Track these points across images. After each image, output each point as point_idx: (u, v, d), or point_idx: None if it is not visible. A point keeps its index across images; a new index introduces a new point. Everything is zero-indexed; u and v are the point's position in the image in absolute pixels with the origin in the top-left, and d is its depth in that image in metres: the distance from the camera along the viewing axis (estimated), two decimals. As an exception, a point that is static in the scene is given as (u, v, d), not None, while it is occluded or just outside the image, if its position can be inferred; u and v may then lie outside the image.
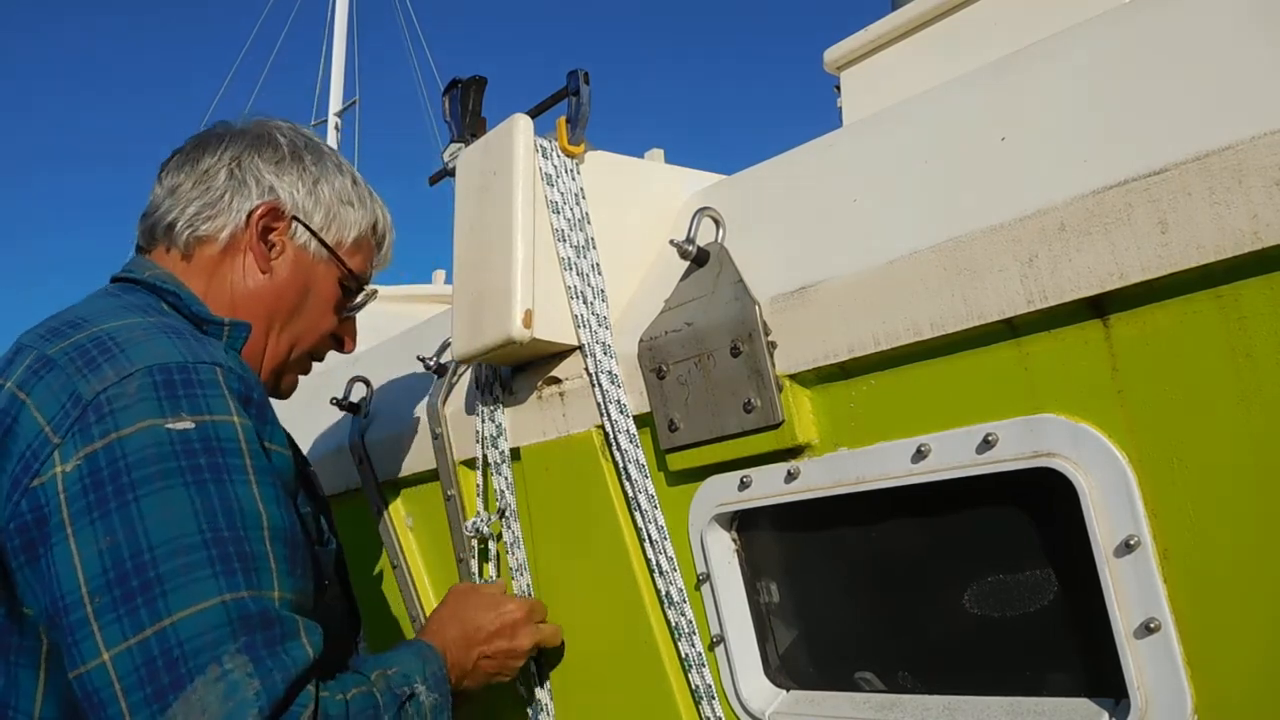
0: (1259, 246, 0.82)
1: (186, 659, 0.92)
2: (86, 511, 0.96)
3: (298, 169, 1.34)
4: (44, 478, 0.98)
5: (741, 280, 1.25)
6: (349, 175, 1.41)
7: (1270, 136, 0.82)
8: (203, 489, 0.99)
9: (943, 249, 1.03)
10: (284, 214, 1.33)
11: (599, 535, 1.44)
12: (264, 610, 0.97)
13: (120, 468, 0.97)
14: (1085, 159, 0.96)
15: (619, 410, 1.36)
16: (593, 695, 1.50)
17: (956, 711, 1.10)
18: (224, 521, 0.98)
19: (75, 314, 1.16)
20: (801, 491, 1.19)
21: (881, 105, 1.34)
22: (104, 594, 0.93)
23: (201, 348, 1.10)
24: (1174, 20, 0.99)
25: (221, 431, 1.03)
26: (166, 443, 0.99)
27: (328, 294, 1.39)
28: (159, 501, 0.96)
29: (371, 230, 1.44)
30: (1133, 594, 0.93)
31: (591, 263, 1.46)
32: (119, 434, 0.98)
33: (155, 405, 1.01)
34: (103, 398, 1.00)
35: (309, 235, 1.35)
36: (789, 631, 1.31)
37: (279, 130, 1.38)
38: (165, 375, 1.03)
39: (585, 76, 1.45)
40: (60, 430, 1.00)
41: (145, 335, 1.09)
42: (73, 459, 0.98)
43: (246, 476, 1.03)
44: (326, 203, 1.36)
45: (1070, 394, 0.97)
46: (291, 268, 1.34)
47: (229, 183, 1.31)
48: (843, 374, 1.15)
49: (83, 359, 1.05)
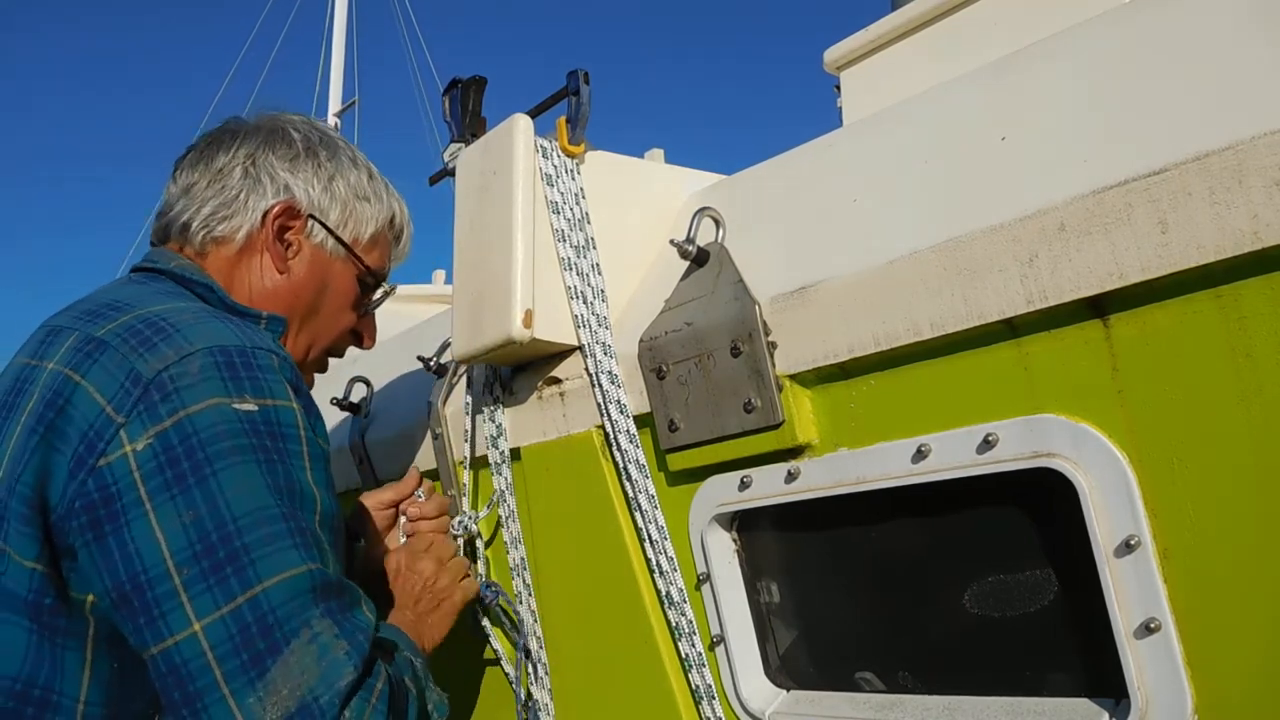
0: (1259, 246, 0.82)
1: (281, 624, 0.95)
2: (165, 488, 0.97)
3: (312, 165, 1.33)
4: (111, 457, 0.98)
5: (741, 280, 1.25)
6: (364, 169, 1.39)
7: (1270, 136, 0.82)
8: (272, 468, 1.01)
9: (943, 249, 1.03)
10: (300, 212, 1.32)
11: (599, 535, 1.44)
12: (336, 579, 1.02)
13: (194, 444, 0.98)
14: (1085, 159, 0.96)
15: (619, 410, 1.36)
16: (593, 695, 1.50)
17: (956, 711, 1.10)
18: (289, 500, 1.02)
19: (110, 297, 1.15)
20: (802, 491, 1.19)
21: (881, 105, 1.34)
22: (192, 565, 0.95)
23: (255, 333, 1.12)
24: (1174, 20, 0.99)
25: (283, 416, 1.05)
26: (235, 421, 1.00)
27: (346, 291, 1.38)
28: (236, 475, 0.99)
29: (389, 224, 1.43)
30: (1133, 594, 0.93)
31: (591, 263, 1.46)
32: (187, 411, 0.99)
33: (220, 385, 1.02)
34: (165, 376, 1.01)
35: (325, 233, 1.34)
36: (789, 631, 1.31)
37: (292, 125, 1.36)
38: (226, 357, 1.04)
39: (585, 76, 1.45)
40: (123, 409, 1.00)
41: (196, 318, 1.09)
42: (142, 437, 0.98)
43: (304, 462, 1.06)
44: (342, 199, 1.35)
45: (1070, 394, 0.97)
46: (309, 266, 1.33)
47: (244, 181, 1.29)
48: (843, 374, 1.15)
49: (136, 339, 1.05)
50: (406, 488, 1.61)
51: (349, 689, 0.96)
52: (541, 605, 1.56)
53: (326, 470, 1.10)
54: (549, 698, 1.54)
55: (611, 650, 1.45)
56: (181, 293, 1.21)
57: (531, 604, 1.56)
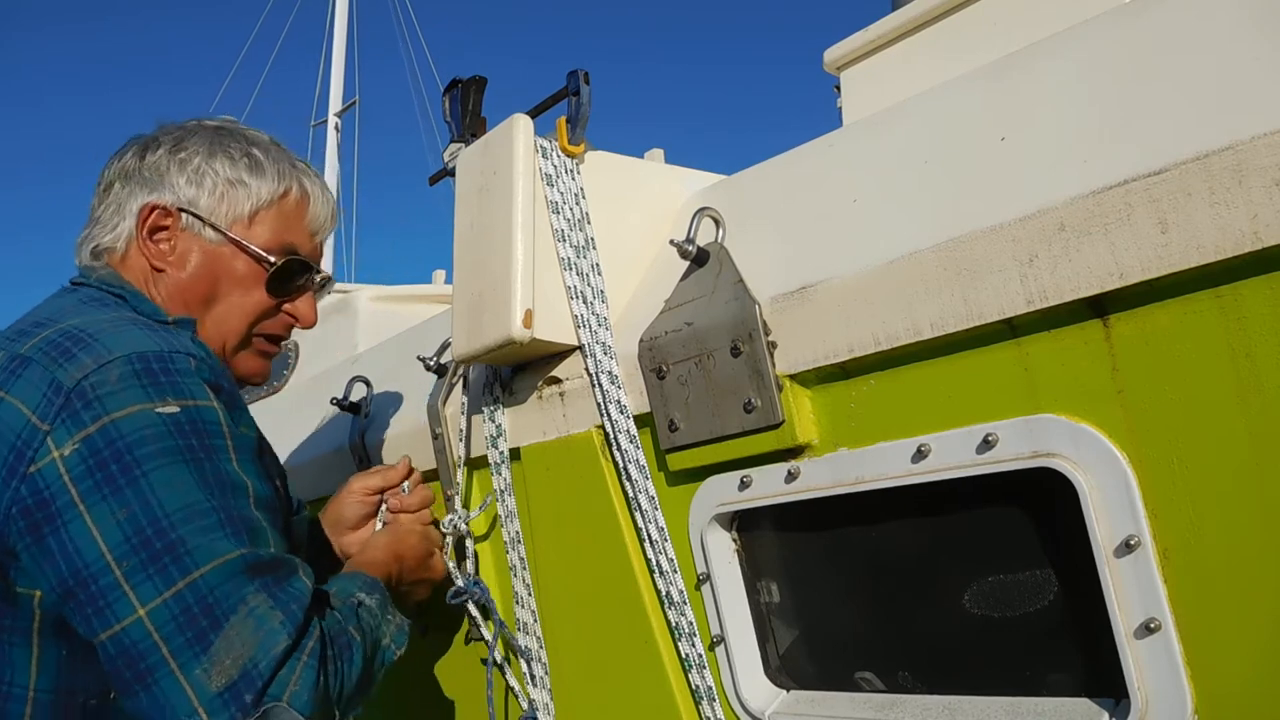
0: (1259, 246, 0.82)
1: (220, 602, 1.04)
2: (96, 489, 1.04)
3: (178, 161, 1.35)
4: (41, 463, 1.06)
5: (741, 280, 1.25)
6: (242, 153, 1.38)
7: (1270, 136, 0.82)
8: (199, 465, 1.09)
9: (943, 249, 1.03)
10: (170, 209, 1.34)
11: (599, 535, 1.44)
12: (270, 556, 1.11)
13: (120, 448, 1.06)
14: (1085, 159, 0.96)
15: (619, 410, 1.35)
16: (593, 696, 1.50)
17: (956, 711, 1.10)
18: (219, 493, 1.09)
19: (38, 315, 1.22)
20: (802, 491, 1.19)
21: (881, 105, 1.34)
22: (131, 558, 1.03)
23: (173, 337, 1.17)
24: (1174, 20, 0.99)
25: (205, 415, 1.12)
26: (159, 424, 1.08)
27: (240, 275, 1.37)
28: (165, 476, 1.06)
29: (277, 200, 1.40)
30: (1133, 594, 0.93)
31: (591, 263, 1.46)
32: (111, 417, 1.06)
33: (141, 391, 1.08)
34: (85, 385, 1.07)
35: (200, 223, 1.35)
36: (789, 631, 1.31)
37: (168, 129, 1.40)
38: (144, 363, 1.10)
39: (585, 76, 1.45)
40: (47, 418, 1.07)
41: (114, 327, 1.15)
42: (68, 443, 1.05)
43: (228, 455, 1.13)
44: (210, 187, 1.35)
45: (1070, 394, 0.97)
46: (192, 259, 1.35)
47: (120, 192, 1.35)
48: (843, 374, 1.15)
49: (57, 351, 1.11)
50: (394, 477, 1.64)
51: (284, 653, 1.05)
52: (541, 605, 1.56)
53: (252, 458, 1.18)
54: (549, 698, 1.54)
55: (611, 651, 1.45)
56: (105, 300, 1.27)
57: (531, 604, 1.56)
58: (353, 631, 1.19)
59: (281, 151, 1.44)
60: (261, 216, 1.39)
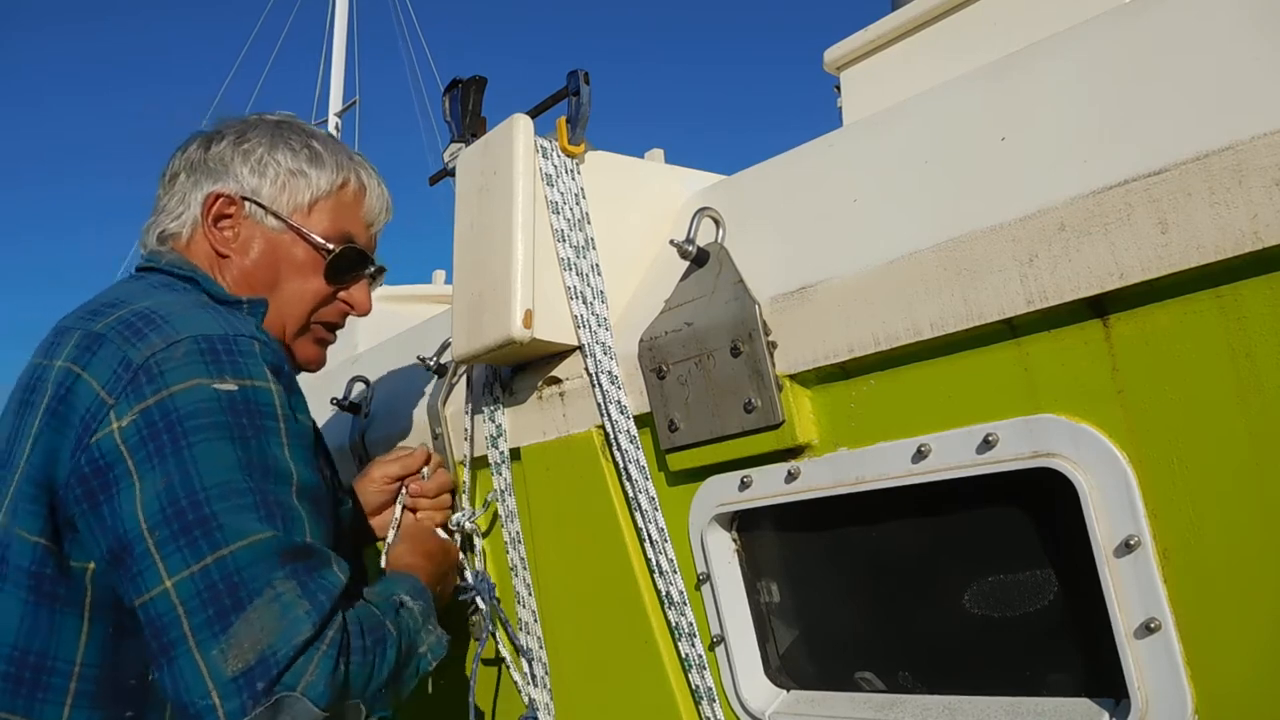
0: (1259, 246, 0.82)
1: (245, 583, 1.04)
2: (148, 459, 1.07)
3: (241, 152, 1.40)
4: (101, 434, 1.09)
5: (741, 280, 1.25)
6: (303, 145, 1.43)
7: (1270, 136, 0.82)
8: (245, 445, 1.10)
9: (943, 249, 1.03)
10: (234, 198, 1.38)
11: (599, 536, 1.44)
12: (304, 544, 1.10)
13: (174, 419, 1.08)
14: (1085, 159, 0.96)
15: (619, 410, 1.35)
16: (593, 696, 1.50)
17: (956, 711, 1.10)
18: (260, 475, 1.10)
19: (110, 296, 1.26)
20: (802, 491, 1.19)
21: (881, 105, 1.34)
22: (163, 528, 1.05)
23: (239, 321, 1.20)
24: (1174, 20, 0.99)
25: (261, 396, 1.14)
26: (214, 399, 1.10)
27: (300, 262, 1.41)
28: (209, 450, 1.08)
29: (337, 190, 1.44)
30: (1133, 594, 0.93)
31: (591, 263, 1.46)
32: (169, 390, 1.09)
33: (203, 367, 1.11)
34: (152, 361, 1.11)
35: (263, 211, 1.39)
36: (789, 631, 1.31)
37: (231, 121, 1.45)
38: (209, 344, 1.13)
39: (585, 76, 1.45)
40: (114, 392, 1.10)
41: (184, 310, 1.19)
42: (128, 415, 1.09)
43: (280, 439, 1.14)
44: (272, 176, 1.40)
45: (1070, 394, 0.97)
46: (258, 245, 1.39)
47: (186, 182, 1.39)
48: (843, 374, 1.15)
49: (130, 330, 1.15)
50: (413, 464, 1.64)
51: (304, 644, 1.04)
52: (541, 605, 1.56)
53: (305, 446, 1.18)
54: (549, 698, 1.54)
55: (611, 651, 1.45)
56: (173, 285, 1.31)
57: (531, 604, 1.56)
58: (389, 626, 1.19)
59: (339, 145, 1.48)
60: (320, 206, 1.43)
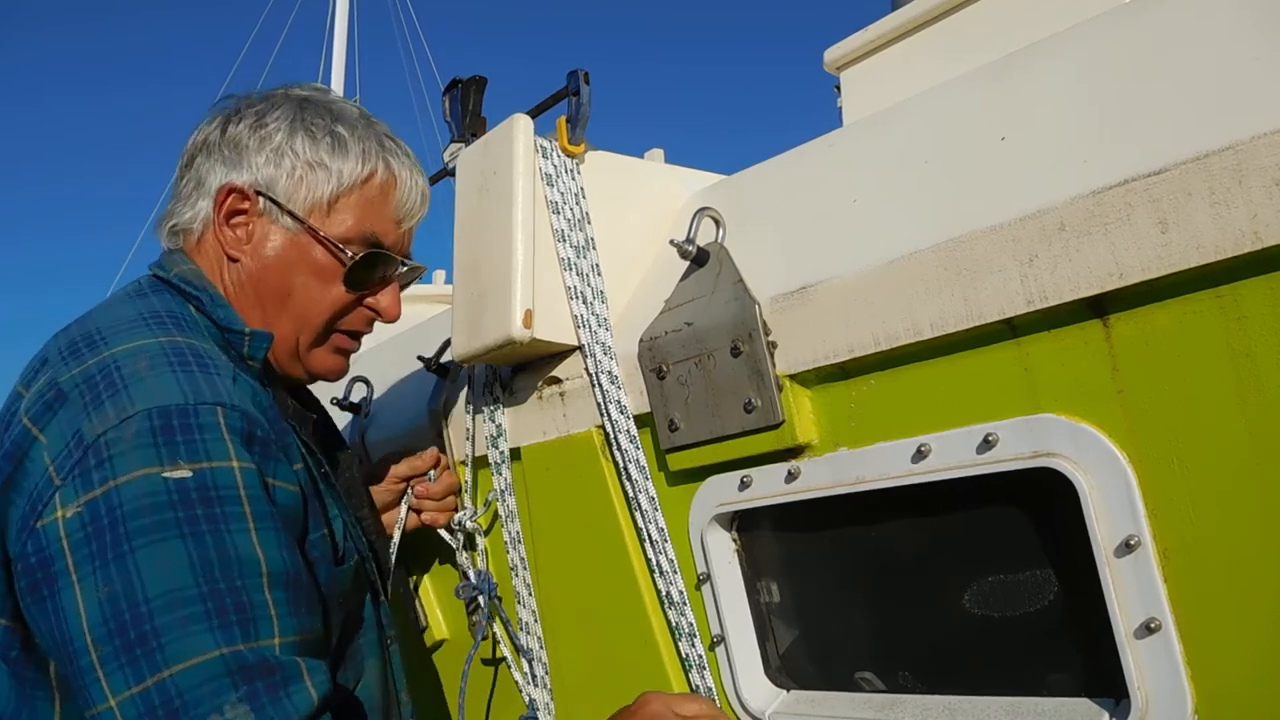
0: (1259, 246, 0.82)
1: (187, 709, 0.93)
2: (89, 560, 0.96)
3: (259, 137, 1.24)
4: (45, 520, 0.99)
5: (741, 280, 1.25)
6: (325, 131, 1.25)
7: (1270, 136, 0.82)
8: (199, 540, 0.98)
9: (943, 249, 1.03)
10: (247, 192, 1.23)
11: (599, 536, 1.44)
12: (263, 659, 0.97)
13: (117, 516, 0.97)
14: (1085, 159, 0.96)
15: (619, 410, 1.36)
16: (593, 695, 1.50)
17: (956, 711, 1.10)
18: (220, 573, 0.97)
19: (95, 323, 1.15)
20: (802, 491, 1.19)
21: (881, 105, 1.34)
22: (106, 644, 0.95)
23: (205, 381, 1.06)
24: (1174, 20, 0.99)
25: (219, 479, 1.01)
26: (163, 492, 0.98)
27: (319, 266, 1.25)
28: (155, 553, 0.96)
29: (360, 183, 1.26)
30: (1133, 594, 0.93)
31: (591, 263, 1.46)
32: (116, 481, 0.98)
33: (153, 452, 0.99)
34: (102, 441, 0.99)
35: (278, 209, 1.23)
36: (789, 631, 1.31)
37: (254, 99, 1.28)
38: (164, 420, 1.01)
39: (585, 76, 1.45)
40: (62, 471, 1.00)
41: (150, 367, 1.06)
42: (73, 504, 0.98)
43: (245, 524, 1.01)
44: (289, 167, 1.23)
45: (1070, 394, 0.97)
46: (268, 247, 1.24)
47: (198, 170, 1.25)
48: (843, 374, 1.15)
49: (90, 391, 1.04)
50: (421, 465, 1.62)
51: None
52: (541, 605, 1.56)
53: (278, 525, 1.04)
54: (549, 697, 1.54)
55: (612, 650, 1.45)
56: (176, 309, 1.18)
57: (531, 604, 1.56)
58: None
59: (370, 127, 1.29)
60: (343, 203, 1.26)
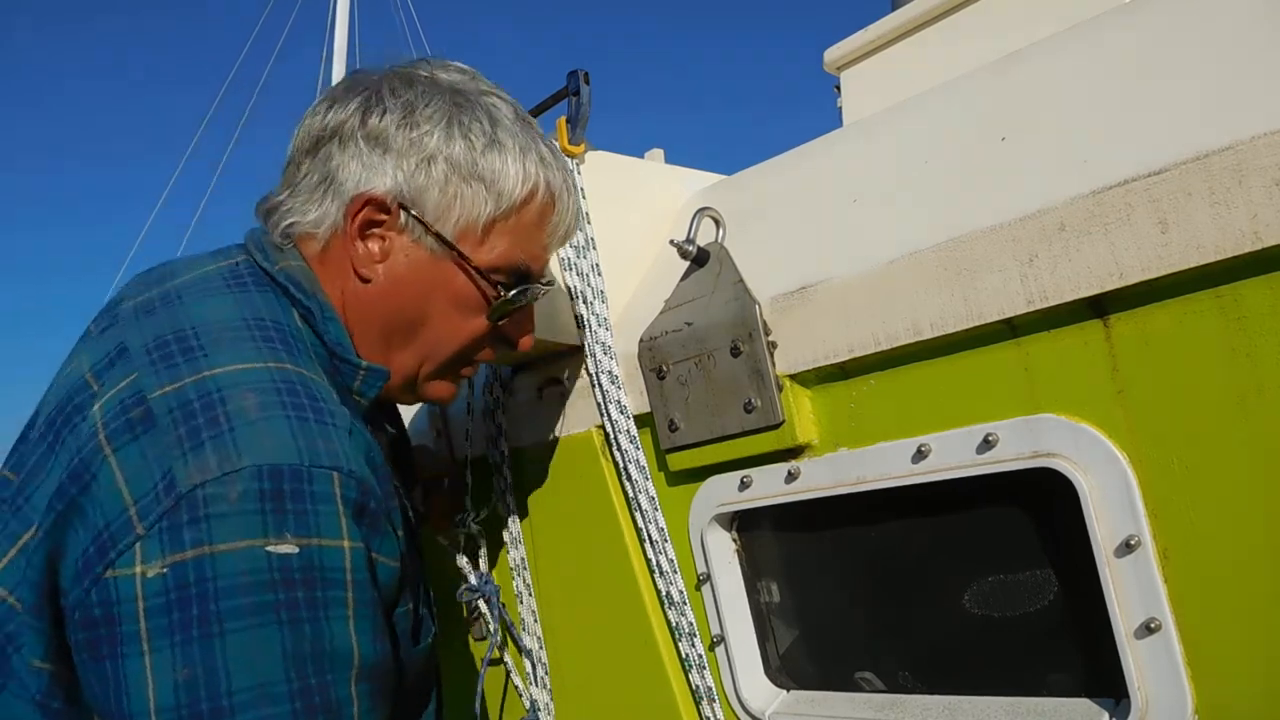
0: (1259, 246, 0.83)
1: None
2: (167, 632, 0.84)
3: (407, 140, 1.05)
4: (120, 571, 0.85)
5: (741, 280, 1.25)
6: (487, 140, 1.07)
7: (1270, 136, 0.82)
8: (297, 629, 0.87)
9: (943, 249, 1.03)
10: (389, 204, 1.05)
11: (599, 536, 1.44)
12: None
13: (209, 591, 0.85)
14: (1085, 159, 0.96)
15: (619, 410, 1.36)
16: (593, 696, 1.50)
17: (956, 711, 1.10)
18: (312, 669, 0.88)
19: (189, 317, 1.00)
20: (802, 491, 1.19)
21: (881, 105, 1.34)
22: None
23: (321, 435, 0.92)
24: (1174, 20, 0.99)
25: (327, 559, 0.89)
26: (264, 570, 0.86)
27: (461, 296, 1.10)
28: (247, 640, 0.85)
29: (519, 205, 1.09)
30: (1133, 594, 0.93)
31: (591, 263, 1.46)
32: (213, 549, 0.85)
33: (258, 520, 0.87)
34: (200, 495, 0.86)
35: (422, 228, 1.06)
36: (789, 631, 1.31)
37: (400, 81, 1.09)
38: (275, 483, 0.87)
39: (585, 76, 1.45)
40: (146, 518, 0.86)
41: (261, 408, 0.91)
42: (157, 562, 0.85)
43: (345, 611, 0.90)
44: (441, 180, 1.05)
45: (1070, 394, 0.97)
46: (407, 268, 1.07)
47: (329, 164, 1.07)
48: (843, 374, 1.15)
49: (186, 424, 0.89)
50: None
51: None
52: (541, 605, 1.56)
53: (376, 610, 0.94)
54: (549, 698, 1.54)
55: (611, 650, 1.46)
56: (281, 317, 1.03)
57: (531, 604, 1.56)
58: None
59: (529, 132, 1.12)
60: (498, 228, 1.09)
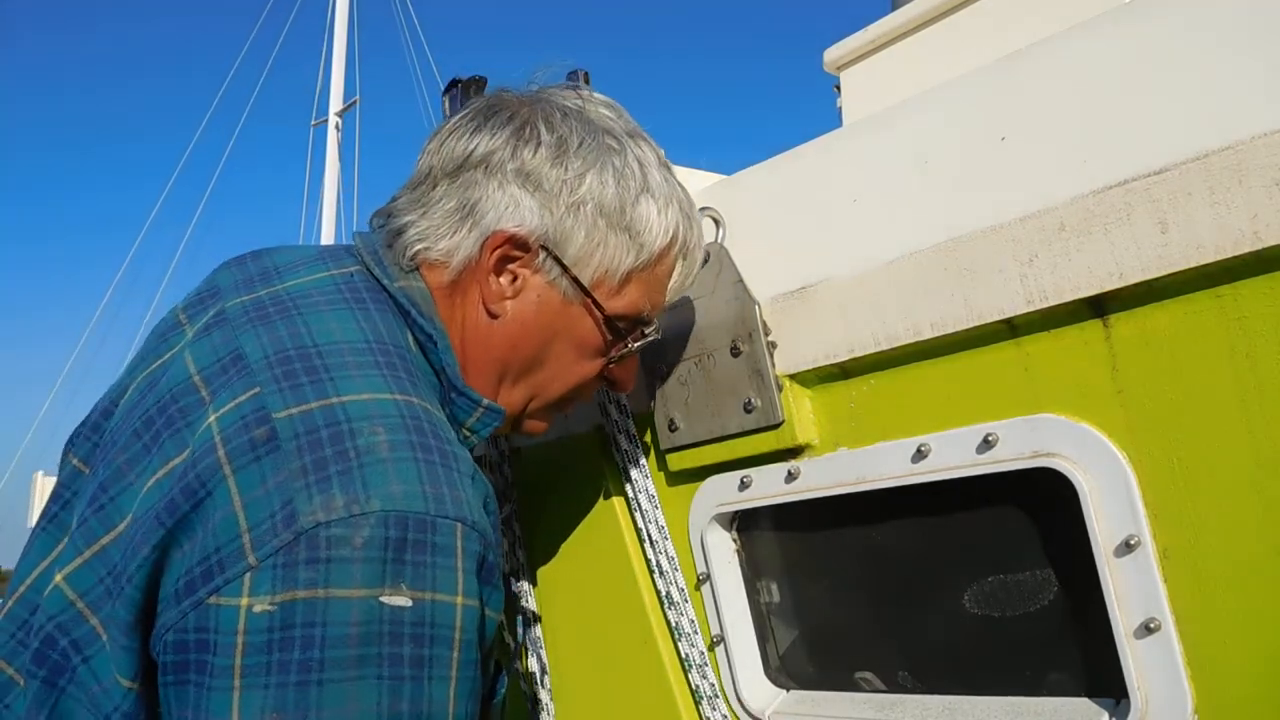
0: (1259, 246, 0.83)
1: None
2: (263, 671, 0.81)
3: (559, 182, 1.03)
4: (225, 600, 0.82)
5: (741, 280, 1.25)
6: (639, 187, 1.06)
7: (1270, 136, 0.82)
8: (397, 687, 0.84)
9: (943, 249, 1.03)
10: (529, 243, 1.03)
11: (599, 535, 1.44)
12: None
13: (316, 637, 0.81)
14: (1085, 159, 0.96)
15: (619, 410, 1.36)
16: (593, 696, 1.50)
17: (956, 711, 1.10)
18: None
19: (311, 332, 0.97)
20: (801, 491, 1.19)
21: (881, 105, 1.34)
22: None
23: (447, 480, 0.89)
24: (1174, 20, 0.99)
25: (439, 615, 0.86)
26: (375, 621, 0.83)
27: (584, 340, 1.09)
28: (345, 692, 0.82)
29: (657, 258, 1.09)
30: (1133, 594, 0.93)
31: (591, 263, 1.46)
32: (328, 592, 0.82)
33: (379, 569, 0.83)
34: (323, 535, 0.82)
35: (559, 270, 1.05)
36: (789, 631, 1.31)
37: (552, 113, 1.07)
38: (400, 531, 0.84)
39: (585, 76, 1.45)
40: (260, 548, 0.83)
41: (391, 448, 0.88)
42: (265, 598, 0.82)
43: (448, 671, 0.87)
44: (588, 225, 1.04)
45: (1070, 394, 0.97)
46: (536, 309, 1.05)
47: (475, 189, 1.04)
48: (843, 374, 1.15)
49: (312, 453, 0.86)
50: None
51: None
52: (541, 605, 1.56)
53: (477, 671, 0.91)
54: (549, 698, 1.54)
55: (611, 650, 1.46)
56: (400, 339, 1.00)
57: (531, 604, 1.56)
58: None
59: (672, 181, 1.11)
60: (635, 278, 1.08)
